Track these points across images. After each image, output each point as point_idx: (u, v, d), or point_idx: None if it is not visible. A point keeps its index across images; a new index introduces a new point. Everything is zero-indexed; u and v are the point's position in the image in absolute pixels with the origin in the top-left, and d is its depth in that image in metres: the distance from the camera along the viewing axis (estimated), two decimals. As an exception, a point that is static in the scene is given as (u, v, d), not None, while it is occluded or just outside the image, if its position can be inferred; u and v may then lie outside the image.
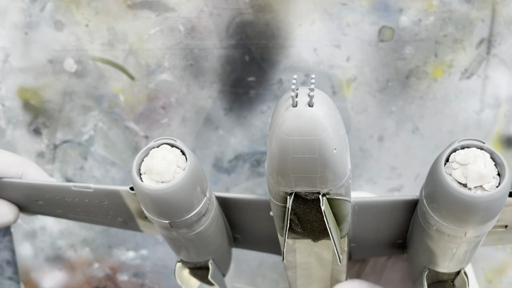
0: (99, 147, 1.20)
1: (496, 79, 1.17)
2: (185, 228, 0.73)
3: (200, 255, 0.83)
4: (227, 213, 0.85)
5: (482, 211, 0.60)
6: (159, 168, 0.66)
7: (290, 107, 0.55)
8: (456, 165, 0.60)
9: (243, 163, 1.22)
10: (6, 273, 1.31)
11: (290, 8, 1.11)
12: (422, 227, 0.71)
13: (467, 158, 0.60)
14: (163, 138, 0.70)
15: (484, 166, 0.59)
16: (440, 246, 0.71)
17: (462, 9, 1.12)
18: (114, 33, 1.12)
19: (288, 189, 0.62)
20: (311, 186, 0.61)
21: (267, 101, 1.17)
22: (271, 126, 0.58)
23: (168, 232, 0.75)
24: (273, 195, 0.66)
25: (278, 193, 0.65)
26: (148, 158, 0.68)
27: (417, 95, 1.18)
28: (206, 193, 0.73)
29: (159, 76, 1.15)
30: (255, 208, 0.83)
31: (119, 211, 0.85)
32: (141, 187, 0.67)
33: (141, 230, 0.92)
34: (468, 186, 0.60)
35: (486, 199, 0.59)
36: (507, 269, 1.33)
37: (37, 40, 1.13)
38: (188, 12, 1.11)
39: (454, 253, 0.71)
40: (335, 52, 1.14)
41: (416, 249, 0.79)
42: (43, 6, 1.11)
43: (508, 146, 1.23)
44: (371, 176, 1.22)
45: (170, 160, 0.67)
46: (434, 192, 0.63)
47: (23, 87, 1.16)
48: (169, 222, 0.71)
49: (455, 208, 0.61)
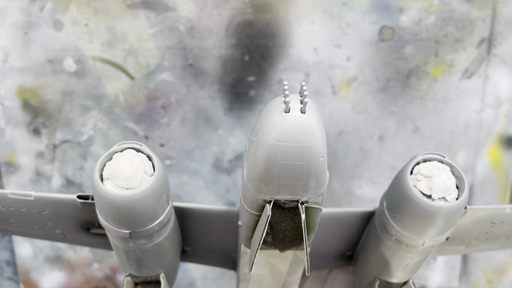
0: (98, 147, 1.20)
1: (496, 79, 1.17)
2: (144, 238, 0.70)
3: (152, 268, 0.79)
4: (182, 224, 0.81)
5: (443, 221, 0.63)
6: (126, 174, 0.62)
7: (282, 113, 0.55)
8: (420, 177, 0.63)
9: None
10: (5, 273, 1.31)
11: (290, 7, 1.11)
12: (379, 237, 0.73)
13: (432, 170, 0.63)
14: (127, 142, 0.66)
15: (447, 178, 0.62)
16: (396, 256, 0.72)
17: (462, 9, 1.12)
18: (113, 32, 1.12)
19: (269, 196, 0.61)
20: (292, 194, 0.60)
21: (267, 101, 1.16)
22: (256, 131, 0.57)
23: (124, 243, 0.71)
24: (249, 203, 0.64)
25: (256, 201, 0.62)
26: (112, 163, 0.64)
27: (418, 95, 1.18)
28: (169, 202, 0.70)
29: (159, 76, 1.15)
30: (213, 218, 0.79)
31: (60, 222, 0.80)
32: (104, 193, 0.63)
33: (80, 244, 0.87)
34: (432, 197, 0.63)
35: (449, 209, 0.62)
36: (508, 269, 1.33)
37: (36, 40, 1.13)
38: (188, 12, 1.11)
39: (407, 263, 0.73)
40: (335, 52, 1.14)
41: (368, 260, 0.80)
42: (43, 6, 1.11)
43: (509, 146, 1.23)
44: (371, 176, 1.22)
45: (137, 166, 0.63)
46: (398, 203, 0.66)
47: (23, 87, 1.16)
48: (129, 232, 0.67)
49: (420, 218, 0.64)
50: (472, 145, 1.22)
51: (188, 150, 1.20)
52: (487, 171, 1.25)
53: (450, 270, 1.33)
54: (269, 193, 0.60)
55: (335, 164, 1.19)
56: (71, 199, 0.74)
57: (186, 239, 0.85)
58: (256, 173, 0.59)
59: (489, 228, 0.76)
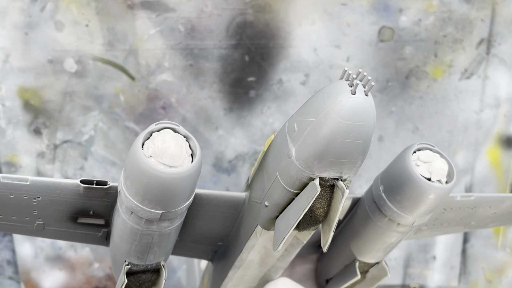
0: (99, 147, 1.20)
1: (496, 79, 1.18)
2: (169, 221, 0.70)
3: (157, 256, 0.78)
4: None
5: (437, 201, 0.72)
6: (173, 152, 0.63)
7: (349, 94, 0.59)
8: (420, 163, 0.73)
9: (243, 163, 1.22)
10: (6, 273, 1.31)
11: (290, 8, 1.11)
12: (369, 220, 0.79)
13: (430, 157, 0.72)
14: (164, 122, 0.66)
15: (443, 164, 0.71)
16: (383, 236, 0.79)
17: (462, 9, 1.12)
18: (114, 33, 1.13)
19: (316, 174, 0.64)
20: (338, 171, 0.64)
21: (267, 101, 1.17)
22: (316, 112, 0.61)
23: (146, 226, 0.70)
24: (291, 181, 0.66)
25: (300, 179, 0.65)
26: (156, 141, 0.64)
27: (417, 95, 1.18)
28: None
29: (159, 76, 1.15)
30: (214, 204, 0.80)
31: (48, 210, 0.77)
32: (151, 170, 0.62)
33: (56, 237, 0.84)
34: (431, 179, 0.71)
35: (444, 190, 0.71)
36: (507, 269, 1.33)
37: (37, 40, 1.13)
38: (188, 12, 1.11)
39: (391, 243, 0.81)
40: (335, 52, 1.14)
41: (349, 243, 0.85)
42: (43, 6, 1.11)
43: (508, 146, 1.23)
44: (371, 176, 1.22)
45: (181, 145, 0.64)
46: (400, 186, 0.73)
47: (23, 87, 1.16)
48: (162, 212, 0.67)
49: (419, 198, 0.72)
50: (472, 145, 1.23)
51: (188, 150, 1.20)
52: (487, 171, 1.25)
53: (449, 269, 1.33)
54: (317, 170, 0.64)
55: (335, 164, 1.20)
56: (74, 184, 0.73)
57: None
58: (312, 150, 0.62)
59: (440, 214, 0.85)
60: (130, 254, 0.78)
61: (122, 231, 0.74)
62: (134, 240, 0.74)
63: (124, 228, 0.73)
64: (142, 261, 0.79)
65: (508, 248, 1.31)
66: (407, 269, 1.33)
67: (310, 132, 0.62)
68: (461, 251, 1.31)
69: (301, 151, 0.63)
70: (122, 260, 0.79)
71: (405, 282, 1.34)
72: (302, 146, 0.63)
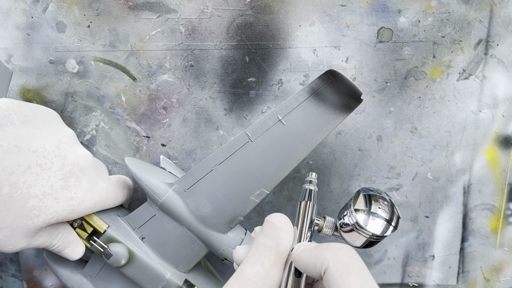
0: (100, 147, 1.21)
1: (494, 79, 1.18)
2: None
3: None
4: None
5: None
6: None
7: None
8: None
9: (243, 163, 1.23)
10: (9, 271, 1.31)
11: (290, 9, 1.12)
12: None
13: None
14: None
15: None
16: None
17: (460, 10, 1.13)
18: (115, 34, 1.13)
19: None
20: None
21: (267, 101, 1.18)
22: None
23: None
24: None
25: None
26: None
27: (416, 95, 1.18)
28: None
29: (160, 77, 1.16)
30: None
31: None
32: None
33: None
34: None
35: None
36: (505, 267, 1.33)
37: (39, 41, 1.13)
38: (189, 13, 1.12)
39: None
40: (334, 53, 1.14)
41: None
42: (45, 7, 1.12)
43: (506, 146, 1.23)
44: (370, 176, 1.23)
45: None
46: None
47: (25, 87, 1.16)
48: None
49: None
50: (470, 145, 1.23)
51: (189, 150, 1.21)
52: (484, 171, 1.25)
53: (448, 268, 1.33)
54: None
55: (334, 163, 1.20)
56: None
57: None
58: None
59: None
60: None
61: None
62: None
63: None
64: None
65: (506, 247, 1.31)
66: (406, 267, 1.33)
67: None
68: (460, 250, 1.32)
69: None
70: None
71: (404, 281, 1.34)
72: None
